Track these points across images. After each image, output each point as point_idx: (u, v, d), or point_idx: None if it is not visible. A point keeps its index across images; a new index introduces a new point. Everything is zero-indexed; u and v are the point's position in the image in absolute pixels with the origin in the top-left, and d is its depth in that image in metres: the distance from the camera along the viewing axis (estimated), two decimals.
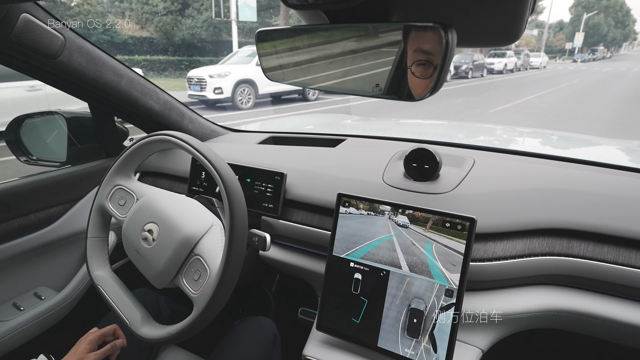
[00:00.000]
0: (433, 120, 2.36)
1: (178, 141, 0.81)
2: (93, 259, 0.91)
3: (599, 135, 1.64)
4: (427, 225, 0.74)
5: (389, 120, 2.90)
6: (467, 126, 1.93)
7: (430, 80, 0.50)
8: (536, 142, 1.53)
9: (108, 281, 0.90)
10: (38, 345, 1.10)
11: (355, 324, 0.77)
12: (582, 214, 0.79)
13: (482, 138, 1.57)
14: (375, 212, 0.79)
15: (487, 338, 0.77)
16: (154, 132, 0.87)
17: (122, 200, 0.89)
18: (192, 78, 8.96)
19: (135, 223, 0.83)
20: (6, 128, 1.27)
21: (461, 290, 0.69)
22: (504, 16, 0.51)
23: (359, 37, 0.56)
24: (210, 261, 0.77)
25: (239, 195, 0.75)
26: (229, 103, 9.02)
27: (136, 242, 0.83)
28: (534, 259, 0.77)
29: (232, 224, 0.73)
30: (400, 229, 0.76)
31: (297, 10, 0.57)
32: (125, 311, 0.86)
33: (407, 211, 0.76)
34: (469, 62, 16.31)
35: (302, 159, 1.13)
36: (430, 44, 0.49)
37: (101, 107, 1.22)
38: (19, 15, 0.83)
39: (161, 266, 0.79)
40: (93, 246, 0.92)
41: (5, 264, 1.07)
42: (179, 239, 0.78)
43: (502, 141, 1.53)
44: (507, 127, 1.84)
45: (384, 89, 0.56)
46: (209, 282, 0.75)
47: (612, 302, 0.74)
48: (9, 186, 1.07)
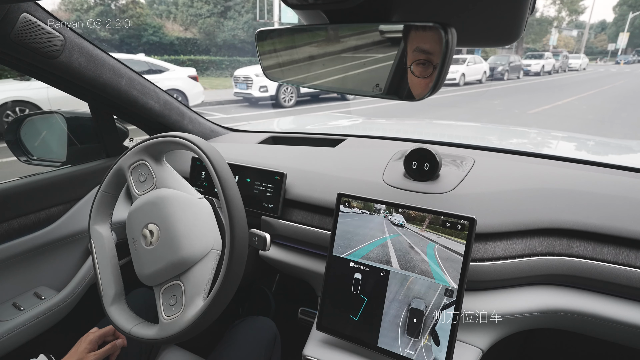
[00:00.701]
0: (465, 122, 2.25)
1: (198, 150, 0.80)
2: (98, 212, 0.90)
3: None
4: (423, 224, 0.74)
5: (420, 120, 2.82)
6: (501, 129, 1.83)
7: (430, 80, 0.50)
8: (571, 146, 1.46)
9: (101, 241, 0.88)
10: (38, 345, 1.10)
11: (354, 321, 0.77)
12: (582, 213, 0.79)
13: (515, 141, 1.51)
14: (370, 211, 0.79)
15: (487, 338, 0.77)
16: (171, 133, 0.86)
17: (143, 177, 0.85)
18: (239, 77, 9.25)
19: (143, 213, 0.82)
20: (6, 128, 1.27)
21: (461, 290, 0.69)
22: (503, 16, 0.51)
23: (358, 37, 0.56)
24: (188, 296, 0.77)
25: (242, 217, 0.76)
26: (272, 101, 9.32)
27: (136, 232, 0.82)
28: (534, 259, 0.77)
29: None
30: (397, 228, 0.76)
31: (297, 10, 0.57)
32: (104, 281, 0.86)
33: (403, 210, 0.77)
34: (504, 63, 15.97)
35: (302, 158, 1.13)
36: (430, 43, 0.49)
37: (101, 107, 1.22)
38: (19, 15, 0.83)
39: (148, 272, 0.80)
40: (102, 199, 0.90)
41: (5, 263, 1.07)
42: (174, 259, 0.77)
43: (536, 145, 1.46)
44: (541, 131, 1.75)
45: (384, 89, 0.56)
46: (180, 319, 0.75)
47: (612, 302, 0.74)
48: (9, 186, 1.07)
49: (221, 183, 0.76)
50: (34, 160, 1.32)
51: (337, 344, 0.80)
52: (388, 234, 0.77)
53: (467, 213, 0.71)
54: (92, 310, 0.98)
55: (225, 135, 1.53)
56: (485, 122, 3.25)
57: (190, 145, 0.81)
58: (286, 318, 1.42)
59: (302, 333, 0.92)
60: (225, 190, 0.75)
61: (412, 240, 0.75)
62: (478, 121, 7.58)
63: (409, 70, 0.52)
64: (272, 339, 1.02)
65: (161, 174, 0.85)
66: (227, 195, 0.75)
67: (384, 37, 0.53)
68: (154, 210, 0.80)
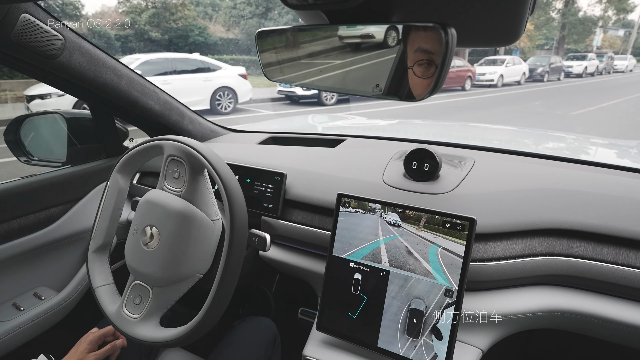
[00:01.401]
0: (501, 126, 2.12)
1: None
2: (126, 164, 0.89)
3: None
4: (419, 224, 0.74)
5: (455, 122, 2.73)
6: (537, 133, 1.72)
7: (431, 80, 0.50)
8: (612, 153, 1.37)
9: (116, 190, 0.89)
10: (38, 345, 1.10)
11: (353, 320, 0.77)
12: (582, 214, 0.79)
13: (551, 145, 1.44)
14: (364, 210, 0.80)
15: (487, 338, 0.77)
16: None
17: (176, 174, 0.83)
18: None
19: (155, 213, 0.81)
20: (6, 128, 1.27)
21: (461, 290, 0.69)
22: (503, 16, 0.51)
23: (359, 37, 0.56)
24: (149, 308, 0.80)
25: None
26: (314, 99, 9.61)
27: (140, 223, 0.82)
28: (534, 259, 0.77)
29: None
30: (393, 228, 0.77)
31: (297, 10, 0.57)
32: (99, 226, 0.89)
33: (399, 209, 0.77)
34: (545, 64, 15.53)
35: (302, 159, 1.13)
36: (431, 43, 0.49)
37: (101, 107, 1.22)
38: (19, 16, 0.83)
39: (132, 263, 0.82)
40: (134, 156, 0.88)
41: (5, 264, 1.07)
42: (156, 273, 0.79)
43: (573, 150, 1.36)
44: (579, 136, 1.64)
45: (384, 89, 0.56)
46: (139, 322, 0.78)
47: (612, 302, 0.74)
48: (9, 186, 1.07)
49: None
50: (34, 160, 1.32)
51: (337, 344, 0.80)
52: (382, 237, 0.77)
53: (467, 213, 0.71)
54: (92, 311, 0.98)
55: (225, 135, 1.53)
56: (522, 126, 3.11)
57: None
58: (286, 318, 1.42)
59: (302, 333, 0.92)
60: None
61: (409, 241, 0.75)
62: (519, 123, 7.36)
63: (410, 70, 0.52)
64: (272, 339, 1.02)
65: (192, 186, 0.82)
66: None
67: (383, 39, 0.53)
68: (165, 218, 0.79)
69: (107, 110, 1.24)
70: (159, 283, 0.80)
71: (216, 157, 0.78)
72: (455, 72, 12.10)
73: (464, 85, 12.43)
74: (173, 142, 0.81)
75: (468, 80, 12.53)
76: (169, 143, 0.82)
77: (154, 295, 0.80)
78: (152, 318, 0.80)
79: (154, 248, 0.79)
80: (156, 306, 0.80)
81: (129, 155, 0.88)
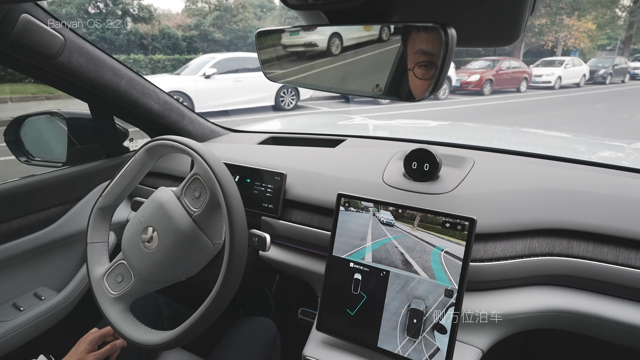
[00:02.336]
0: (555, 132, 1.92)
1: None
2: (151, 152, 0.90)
3: None
4: (414, 222, 0.74)
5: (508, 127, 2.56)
6: (593, 142, 1.55)
7: (431, 81, 0.50)
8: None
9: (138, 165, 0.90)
10: (38, 345, 1.10)
11: (352, 319, 0.77)
12: (582, 214, 0.79)
13: (607, 154, 1.35)
14: (356, 209, 0.80)
15: (487, 338, 0.77)
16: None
17: (197, 193, 0.83)
18: None
19: (161, 217, 0.82)
20: (6, 128, 1.27)
21: (461, 290, 0.69)
22: (503, 16, 0.51)
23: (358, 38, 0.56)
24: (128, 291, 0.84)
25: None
26: (370, 98, 9.44)
27: (144, 221, 0.84)
28: (534, 259, 0.77)
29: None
30: (387, 228, 0.77)
31: (297, 10, 0.57)
32: (113, 186, 0.91)
33: (390, 208, 0.77)
34: (608, 66, 14.42)
35: (302, 159, 1.13)
36: (432, 44, 0.49)
37: (101, 107, 1.22)
38: (19, 16, 0.83)
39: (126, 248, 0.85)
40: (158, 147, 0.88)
41: (5, 264, 1.07)
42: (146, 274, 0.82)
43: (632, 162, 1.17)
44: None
45: (384, 89, 0.56)
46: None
47: (612, 303, 0.74)
48: (9, 186, 1.07)
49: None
50: (34, 160, 1.32)
51: (337, 344, 0.80)
52: (374, 237, 0.78)
53: (467, 213, 0.71)
54: (92, 311, 0.98)
55: (225, 135, 1.53)
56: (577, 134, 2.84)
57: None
58: (286, 318, 1.42)
59: (302, 333, 0.92)
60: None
61: (404, 241, 0.75)
62: (580, 125, 7.10)
63: (410, 72, 0.52)
64: (272, 339, 1.02)
65: (207, 213, 0.83)
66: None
67: (383, 39, 0.53)
68: (169, 230, 0.81)
69: (107, 111, 1.24)
70: (144, 277, 0.83)
71: (237, 204, 0.77)
72: (510, 74, 11.69)
73: (519, 86, 11.87)
74: (206, 167, 0.79)
75: (524, 81, 11.98)
76: (202, 163, 0.79)
77: (134, 283, 0.84)
78: (123, 301, 0.85)
79: (150, 250, 0.81)
80: (132, 293, 0.84)
81: (162, 143, 0.87)
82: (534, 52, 19.34)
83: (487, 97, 10.70)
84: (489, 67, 11.52)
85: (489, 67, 11.54)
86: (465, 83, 11.02)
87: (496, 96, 10.81)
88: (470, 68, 12.09)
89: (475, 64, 12.29)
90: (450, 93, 10.56)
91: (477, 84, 10.93)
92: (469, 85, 10.99)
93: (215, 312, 0.75)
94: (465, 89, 11.03)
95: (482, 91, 10.96)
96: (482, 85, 10.94)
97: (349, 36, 0.56)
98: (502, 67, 11.53)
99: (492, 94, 11.04)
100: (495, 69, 11.37)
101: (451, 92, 10.64)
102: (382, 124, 1.99)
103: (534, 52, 19.08)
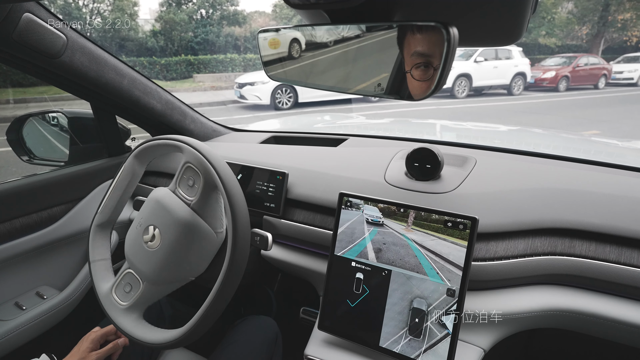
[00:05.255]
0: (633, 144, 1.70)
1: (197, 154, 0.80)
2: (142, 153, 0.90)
3: None
4: (407, 221, 0.75)
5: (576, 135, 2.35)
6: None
7: (430, 82, 0.50)
8: None
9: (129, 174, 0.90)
10: (40, 344, 1.10)
11: (354, 319, 0.77)
12: (584, 213, 0.78)
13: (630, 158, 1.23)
14: (348, 207, 0.81)
15: (489, 338, 0.77)
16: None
17: (191, 182, 0.83)
18: None
19: (160, 214, 0.82)
20: (8, 127, 1.28)
21: (463, 290, 0.69)
22: (505, 16, 0.51)
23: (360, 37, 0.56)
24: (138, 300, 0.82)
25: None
26: (447, 93, 9.92)
27: (144, 220, 0.83)
28: (535, 259, 0.77)
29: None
30: (377, 227, 0.78)
31: (299, 10, 0.57)
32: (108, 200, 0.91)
33: (380, 204, 0.78)
34: None
35: (304, 158, 1.13)
36: (427, 45, 0.49)
37: (103, 106, 1.22)
38: (21, 15, 0.84)
39: (129, 252, 0.84)
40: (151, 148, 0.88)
41: (8, 263, 1.07)
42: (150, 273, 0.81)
43: None
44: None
45: (386, 89, 0.56)
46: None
47: (614, 302, 0.74)
48: (11, 186, 1.07)
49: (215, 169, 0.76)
50: (36, 159, 1.32)
51: (339, 343, 0.80)
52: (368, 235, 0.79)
53: (469, 213, 0.71)
54: (94, 310, 0.99)
55: (227, 134, 1.53)
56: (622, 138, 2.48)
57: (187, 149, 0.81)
58: (288, 318, 1.42)
59: (303, 333, 0.93)
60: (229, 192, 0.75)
61: (395, 240, 0.75)
62: None
63: (408, 74, 0.52)
64: (273, 339, 1.02)
65: (204, 199, 0.82)
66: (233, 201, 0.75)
67: (382, 40, 0.53)
68: (169, 224, 0.80)
69: (109, 110, 1.24)
70: (152, 280, 0.81)
71: (232, 181, 0.77)
72: (588, 70, 11.45)
73: (597, 83, 11.61)
74: (194, 151, 0.79)
75: (602, 78, 11.68)
76: (189, 149, 0.80)
77: (143, 289, 0.82)
78: (136, 310, 0.83)
79: (154, 249, 0.80)
80: (143, 300, 0.83)
81: (149, 145, 0.87)
82: (614, 48, 17.99)
83: (563, 93, 10.69)
84: (565, 64, 11.45)
85: (565, 64, 11.47)
86: (540, 80, 10.97)
87: (572, 92, 10.72)
88: (545, 65, 11.96)
89: (550, 61, 12.18)
90: (525, 89, 10.64)
91: (552, 81, 10.90)
92: (544, 81, 10.94)
93: (225, 299, 0.74)
94: (539, 85, 10.98)
95: (558, 87, 10.91)
96: (558, 81, 10.89)
97: (350, 36, 0.56)
98: (579, 63, 11.36)
99: (567, 90, 10.97)
100: (572, 65, 11.24)
101: (525, 88, 10.66)
102: (451, 125, 1.93)
103: (614, 49, 17.75)
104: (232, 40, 17.06)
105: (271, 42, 0.66)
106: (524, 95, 10.20)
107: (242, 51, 16.65)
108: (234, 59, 14.83)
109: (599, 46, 17.79)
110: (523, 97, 10.01)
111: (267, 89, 8.18)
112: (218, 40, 16.54)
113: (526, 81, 10.60)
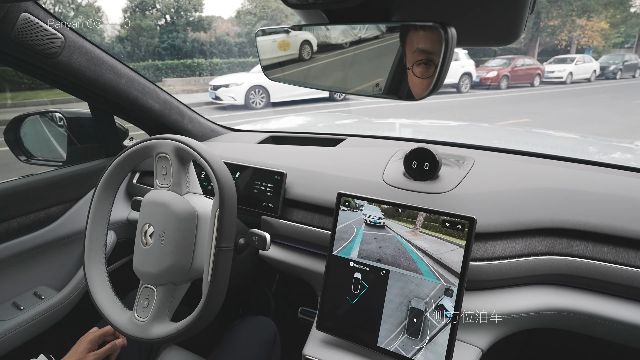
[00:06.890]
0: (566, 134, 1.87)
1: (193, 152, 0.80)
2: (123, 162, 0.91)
3: None
4: (415, 224, 0.75)
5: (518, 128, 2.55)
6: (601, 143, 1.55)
7: (430, 80, 0.50)
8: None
9: None
10: (38, 344, 1.10)
11: (352, 318, 0.77)
12: (582, 213, 0.79)
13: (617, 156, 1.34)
14: (348, 207, 0.81)
15: (487, 337, 0.77)
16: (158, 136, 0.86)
17: (165, 171, 0.85)
18: None
19: (149, 212, 0.82)
20: (6, 127, 1.27)
21: (461, 289, 0.69)
22: (503, 16, 0.51)
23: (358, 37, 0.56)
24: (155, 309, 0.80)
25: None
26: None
27: (139, 227, 0.84)
28: (533, 259, 0.77)
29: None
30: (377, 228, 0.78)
31: (297, 10, 0.57)
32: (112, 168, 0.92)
33: (383, 205, 0.78)
34: (618, 62, 15.24)
35: (302, 158, 1.13)
36: (429, 42, 0.49)
37: (101, 106, 1.22)
38: (19, 15, 0.83)
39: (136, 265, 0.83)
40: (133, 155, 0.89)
41: (5, 263, 1.07)
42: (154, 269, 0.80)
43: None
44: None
45: (384, 89, 0.56)
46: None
47: (612, 302, 0.74)
48: (9, 186, 1.07)
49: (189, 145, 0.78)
50: (34, 159, 1.31)
51: (337, 343, 0.80)
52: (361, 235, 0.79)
53: (467, 213, 0.71)
54: (92, 310, 0.98)
55: (225, 134, 1.53)
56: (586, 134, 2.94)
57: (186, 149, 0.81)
58: (286, 318, 1.42)
59: (302, 333, 0.93)
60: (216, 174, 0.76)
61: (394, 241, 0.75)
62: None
63: (409, 71, 0.52)
64: (272, 339, 1.02)
65: (177, 177, 0.83)
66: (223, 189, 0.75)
67: (382, 39, 0.53)
68: (159, 215, 0.81)
69: (107, 110, 1.24)
70: (160, 280, 0.80)
71: (203, 146, 0.80)
72: (525, 70, 12.89)
73: (533, 81, 13.13)
74: (160, 141, 0.83)
75: (537, 77, 13.23)
76: (156, 142, 0.83)
77: (158, 294, 0.80)
78: (161, 316, 0.80)
79: (153, 242, 0.80)
80: (162, 305, 0.80)
81: (130, 153, 0.89)
82: (549, 51, 20.25)
83: (504, 90, 12.16)
84: (505, 65, 12.81)
85: (505, 65, 12.82)
86: (484, 79, 12.26)
87: (511, 90, 12.09)
88: (488, 66, 13.43)
89: (493, 62, 13.66)
90: (471, 88, 11.89)
91: (494, 80, 12.20)
92: (487, 80, 12.23)
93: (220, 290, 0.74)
94: (484, 84, 12.25)
95: (499, 86, 12.20)
96: (499, 80, 12.21)
97: (348, 36, 0.56)
98: (517, 64, 12.79)
99: (507, 88, 12.33)
100: (511, 66, 12.60)
101: (472, 87, 11.89)
102: (409, 122, 2.08)
103: (549, 51, 19.96)
104: (198, 45, 17.81)
105: (269, 42, 0.66)
106: (471, 93, 11.53)
107: (208, 56, 17.37)
108: (201, 63, 15.39)
109: (535, 49, 19.87)
110: (470, 94, 11.35)
111: (241, 90, 8.47)
112: (185, 46, 17.40)
113: (472, 80, 11.91)
